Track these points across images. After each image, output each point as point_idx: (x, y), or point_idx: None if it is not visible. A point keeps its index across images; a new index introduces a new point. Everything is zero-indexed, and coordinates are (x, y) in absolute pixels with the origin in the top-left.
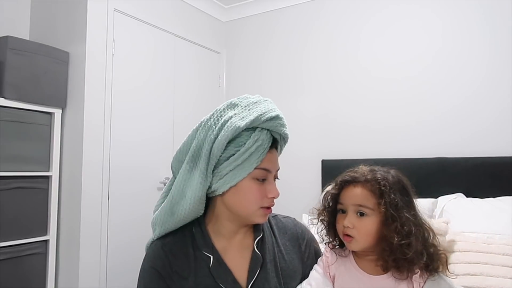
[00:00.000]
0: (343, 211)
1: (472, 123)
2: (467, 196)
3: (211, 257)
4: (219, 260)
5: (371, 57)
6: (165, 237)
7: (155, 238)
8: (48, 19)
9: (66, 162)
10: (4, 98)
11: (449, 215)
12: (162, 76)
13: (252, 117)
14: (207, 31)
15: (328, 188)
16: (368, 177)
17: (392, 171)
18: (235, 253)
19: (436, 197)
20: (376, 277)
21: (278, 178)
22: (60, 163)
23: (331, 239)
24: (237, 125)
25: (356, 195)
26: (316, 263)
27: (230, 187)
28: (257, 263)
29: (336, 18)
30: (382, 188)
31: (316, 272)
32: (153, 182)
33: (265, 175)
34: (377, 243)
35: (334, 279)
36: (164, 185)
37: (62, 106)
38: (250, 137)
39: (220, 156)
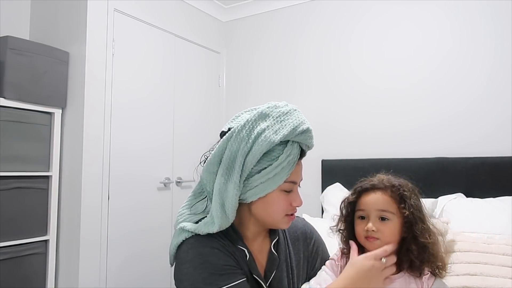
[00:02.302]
0: (363, 218)
1: (472, 123)
2: (467, 196)
3: (245, 250)
4: (251, 255)
5: (374, 57)
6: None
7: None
8: (48, 19)
9: (66, 162)
10: (4, 98)
11: (449, 215)
12: (162, 76)
13: (285, 132)
14: (207, 31)
15: (346, 195)
16: (387, 184)
17: (402, 179)
18: (258, 254)
19: (436, 197)
20: (389, 277)
21: (300, 186)
22: (60, 163)
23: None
24: (272, 140)
25: (377, 200)
26: (323, 263)
27: (259, 198)
28: (274, 263)
29: (339, 18)
30: (403, 193)
31: (326, 274)
32: (153, 182)
33: (292, 187)
34: (397, 245)
35: None
36: (165, 185)
37: (62, 106)
38: (283, 151)
39: (252, 168)
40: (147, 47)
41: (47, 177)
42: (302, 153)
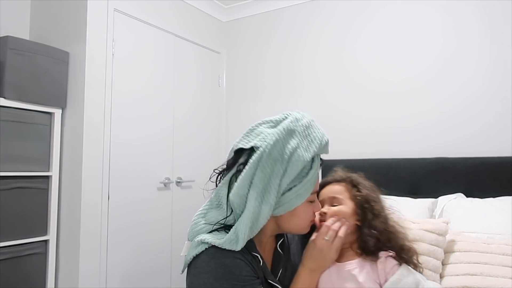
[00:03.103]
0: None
1: (472, 123)
2: (467, 196)
3: (259, 256)
4: (263, 260)
5: (370, 57)
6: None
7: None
8: (48, 19)
9: (66, 162)
10: (4, 98)
11: (449, 215)
12: (162, 76)
13: (315, 148)
14: (207, 31)
15: None
16: (343, 176)
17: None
18: (265, 256)
19: (436, 197)
20: (345, 263)
21: None
22: (60, 163)
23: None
24: (305, 159)
25: (330, 190)
26: None
27: (287, 211)
28: (280, 262)
29: (336, 18)
30: (357, 181)
31: None
32: (153, 182)
33: (315, 197)
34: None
35: None
36: (165, 185)
37: (62, 106)
38: (312, 167)
39: (285, 187)
40: (147, 47)
41: (47, 177)
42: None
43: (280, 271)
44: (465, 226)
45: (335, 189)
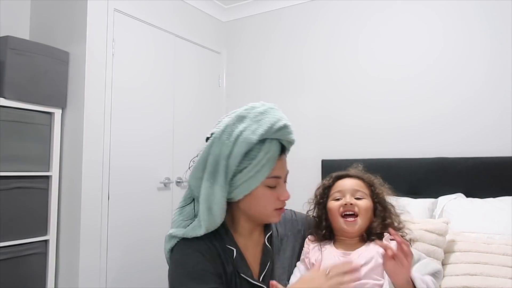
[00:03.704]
0: (338, 199)
1: (472, 123)
2: (467, 196)
3: (234, 250)
4: (240, 254)
5: (371, 57)
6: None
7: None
8: (48, 19)
9: (66, 162)
10: (4, 98)
11: (449, 215)
12: (162, 76)
13: (262, 131)
14: (207, 31)
15: (322, 182)
16: (359, 174)
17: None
18: (253, 249)
19: (436, 197)
20: (351, 252)
21: (286, 182)
22: (60, 163)
23: (320, 231)
24: (250, 140)
25: (352, 183)
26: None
27: (245, 196)
28: (268, 256)
29: (337, 17)
30: (373, 181)
31: (297, 268)
32: (153, 182)
33: (276, 182)
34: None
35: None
36: (165, 185)
37: (62, 106)
38: (261, 149)
39: (235, 169)
40: (147, 47)
41: (47, 177)
42: (284, 149)
43: (268, 265)
44: (465, 226)
45: (358, 183)
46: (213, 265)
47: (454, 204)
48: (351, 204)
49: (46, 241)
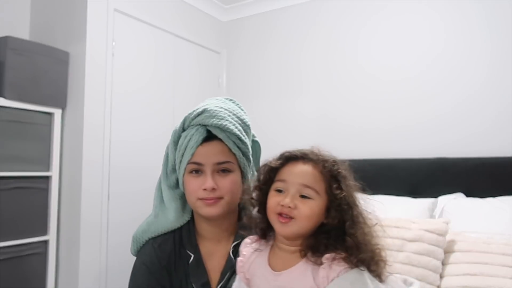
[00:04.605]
0: (280, 191)
1: (472, 123)
2: (467, 196)
3: (192, 256)
4: (198, 260)
5: (370, 57)
6: (157, 235)
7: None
8: (48, 19)
9: (66, 162)
10: (4, 98)
11: (449, 215)
12: (162, 76)
13: (185, 118)
14: (207, 31)
15: (270, 159)
16: (320, 157)
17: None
18: (219, 257)
19: (436, 197)
20: (283, 273)
21: (229, 171)
22: (60, 163)
23: (261, 224)
24: (175, 129)
25: (304, 173)
26: None
27: (183, 186)
28: (230, 266)
29: (336, 17)
30: (338, 170)
31: (238, 279)
32: (153, 182)
33: (197, 168)
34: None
35: (249, 281)
36: None
37: (62, 106)
38: (181, 136)
39: (171, 158)
40: (147, 47)
41: (47, 177)
42: (213, 136)
43: (227, 275)
44: (465, 226)
45: (310, 175)
46: (157, 278)
47: (454, 204)
48: (289, 207)
49: (46, 241)
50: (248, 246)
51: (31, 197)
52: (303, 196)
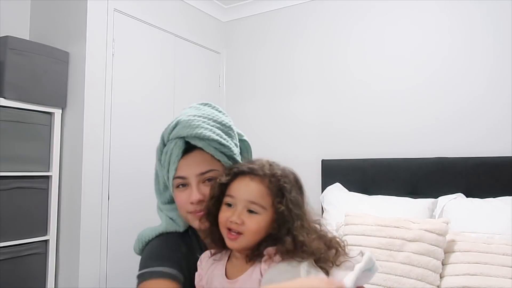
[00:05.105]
0: (230, 205)
1: (472, 123)
2: (467, 196)
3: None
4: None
5: (372, 57)
6: (166, 232)
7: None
8: (48, 19)
9: (66, 162)
10: (4, 98)
11: (449, 215)
12: (162, 76)
13: (163, 134)
14: (207, 31)
15: (220, 176)
16: (267, 172)
17: (288, 169)
18: None
19: (436, 197)
20: (237, 279)
21: (213, 179)
22: (60, 163)
23: (214, 237)
24: (156, 147)
25: (250, 190)
26: None
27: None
28: None
29: (339, 16)
30: (284, 185)
31: None
32: (153, 182)
33: (182, 182)
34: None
35: None
36: None
37: (62, 106)
38: (162, 151)
39: (164, 179)
40: (147, 47)
41: (47, 177)
42: (193, 146)
43: None
44: (465, 226)
45: (256, 191)
46: (177, 257)
47: (454, 204)
48: (236, 223)
49: (46, 241)
50: (207, 258)
51: (31, 197)
52: (250, 211)
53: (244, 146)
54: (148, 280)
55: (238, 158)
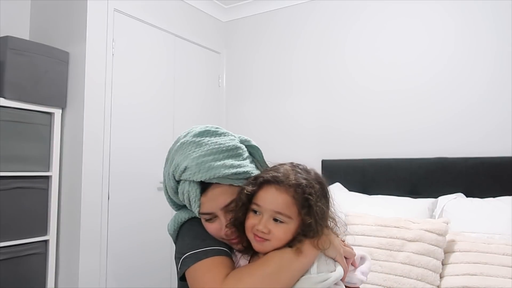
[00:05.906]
0: (256, 212)
1: (472, 124)
2: (467, 196)
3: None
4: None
5: (373, 58)
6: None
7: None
8: (48, 19)
9: (66, 162)
10: (4, 98)
11: (449, 215)
12: (162, 76)
13: (171, 173)
14: (207, 31)
15: (245, 184)
16: (292, 181)
17: (313, 173)
18: None
19: (436, 197)
20: None
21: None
22: (60, 163)
23: (240, 242)
24: (167, 175)
25: (276, 200)
26: None
27: None
28: None
29: (336, 18)
30: (309, 196)
31: None
32: (153, 182)
33: (210, 217)
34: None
35: None
36: None
37: (62, 106)
38: (179, 192)
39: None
40: (147, 47)
41: (47, 177)
42: (210, 184)
43: None
44: (465, 226)
45: (282, 202)
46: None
47: (454, 204)
48: (263, 232)
49: (46, 241)
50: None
51: (31, 197)
52: (276, 220)
53: (254, 150)
54: (206, 258)
55: (256, 171)
